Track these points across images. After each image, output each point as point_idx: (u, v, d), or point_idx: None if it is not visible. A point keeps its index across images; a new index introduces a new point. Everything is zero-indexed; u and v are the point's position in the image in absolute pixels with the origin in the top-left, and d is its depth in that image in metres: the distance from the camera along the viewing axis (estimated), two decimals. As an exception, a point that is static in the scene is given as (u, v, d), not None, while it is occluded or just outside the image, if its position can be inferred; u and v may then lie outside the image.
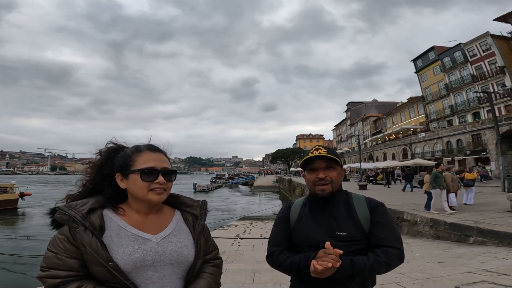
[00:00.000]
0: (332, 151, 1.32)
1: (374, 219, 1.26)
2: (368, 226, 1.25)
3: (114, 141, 1.12)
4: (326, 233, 1.23)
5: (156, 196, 1.01)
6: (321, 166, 1.29)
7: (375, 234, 1.23)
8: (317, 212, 1.32)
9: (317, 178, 1.28)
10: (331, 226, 1.25)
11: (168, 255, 1.00)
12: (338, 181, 1.31)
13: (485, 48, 31.99)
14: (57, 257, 0.90)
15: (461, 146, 30.79)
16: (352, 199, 1.33)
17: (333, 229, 1.24)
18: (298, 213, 1.37)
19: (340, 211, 1.29)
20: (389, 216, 1.31)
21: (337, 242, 1.17)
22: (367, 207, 1.29)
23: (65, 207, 0.96)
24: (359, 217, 1.26)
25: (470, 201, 9.99)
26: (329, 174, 1.28)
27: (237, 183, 64.75)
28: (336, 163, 1.30)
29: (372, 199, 1.34)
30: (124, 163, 1.04)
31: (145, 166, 1.02)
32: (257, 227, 12.78)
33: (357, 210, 1.28)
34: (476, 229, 6.52)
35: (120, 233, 0.97)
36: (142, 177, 1.00)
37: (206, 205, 1.19)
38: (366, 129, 61.51)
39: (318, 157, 1.29)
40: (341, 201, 1.32)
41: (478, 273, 3.98)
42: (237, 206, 29.21)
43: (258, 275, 4.56)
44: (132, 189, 1.02)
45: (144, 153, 1.05)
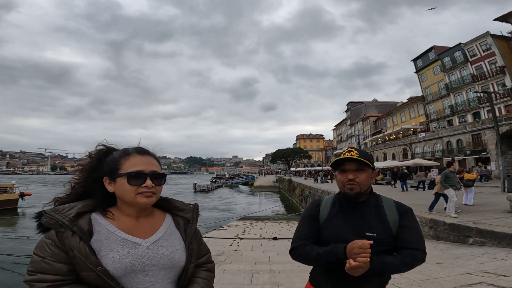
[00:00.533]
0: (364, 154, 1.36)
1: (403, 223, 1.32)
2: (396, 229, 1.30)
3: (105, 143, 1.10)
4: (356, 233, 1.28)
5: (144, 199, 0.99)
6: (351, 168, 1.34)
7: (403, 237, 1.29)
8: (348, 212, 1.36)
9: (347, 179, 1.33)
10: (360, 226, 1.30)
11: (159, 259, 0.99)
12: (367, 183, 1.35)
13: (485, 48, 31.94)
14: (45, 261, 0.89)
15: (461, 146, 30.77)
16: (382, 202, 1.38)
17: (362, 230, 1.29)
18: (328, 211, 1.41)
19: (370, 212, 1.34)
20: (416, 221, 1.37)
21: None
22: (396, 210, 1.34)
23: (51, 211, 0.94)
24: (389, 220, 1.31)
25: (470, 201, 9.97)
26: (358, 176, 1.33)
27: (237, 183, 64.80)
28: (367, 166, 1.34)
29: (401, 203, 1.39)
30: (112, 166, 1.02)
31: (133, 169, 1.00)
32: (257, 227, 12.77)
33: (387, 213, 1.34)
34: (476, 229, 6.50)
35: (110, 237, 0.95)
36: (129, 181, 0.98)
37: (197, 209, 1.18)
38: (366, 129, 61.48)
39: (349, 159, 1.34)
40: (371, 203, 1.37)
41: (477, 274, 3.96)
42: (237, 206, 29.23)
43: (257, 275, 4.55)
44: (119, 193, 1.01)
45: (132, 157, 1.03)
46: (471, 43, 33.40)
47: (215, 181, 62.52)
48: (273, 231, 11.17)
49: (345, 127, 75.64)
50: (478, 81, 32.51)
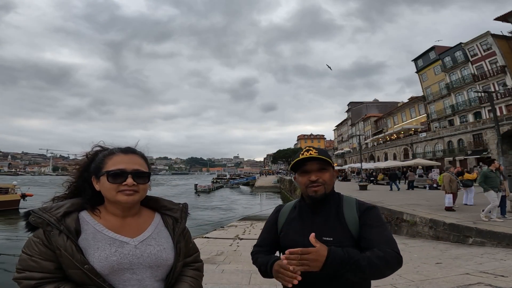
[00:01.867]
0: (323, 152, 1.28)
1: (364, 222, 1.20)
2: (356, 229, 1.19)
3: (102, 144, 1.13)
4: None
5: (124, 197, 1.00)
6: (313, 168, 1.25)
7: (364, 237, 1.17)
8: (306, 216, 1.28)
9: (309, 181, 1.24)
10: (317, 230, 1.18)
11: (146, 258, 1.00)
12: (331, 182, 1.27)
13: (486, 47, 31.87)
14: (32, 259, 0.91)
15: (462, 146, 30.70)
16: (343, 202, 1.29)
17: (319, 234, 1.17)
18: (286, 216, 1.35)
19: (329, 214, 1.25)
20: (381, 220, 1.24)
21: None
22: (356, 210, 1.24)
23: (39, 210, 0.95)
24: (346, 221, 1.21)
25: (470, 201, 9.96)
26: (321, 176, 1.24)
27: (238, 184, 64.74)
28: (328, 165, 1.26)
29: (363, 202, 1.29)
30: (97, 165, 1.05)
31: (113, 168, 1.02)
32: (257, 227, 12.75)
33: (345, 214, 1.24)
34: (475, 229, 6.49)
35: (97, 236, 0.97)
36: (108, 179, 1.00)
37: (186, 208, 1.19)
38: (367, 129, 61.39)
39: (309, 159, 1.25)
40: (331, 204, 1.27)
41: (475, 274, 3.96)
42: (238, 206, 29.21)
43: (255, 276, 4.55)
44: (103, 191, 1.03)
45: (116, 156, 1.05)
46: (472, 42, 33.34)
47: (216, 182, 62.50)
48: (273, 232, 11.17)
49: (346, 127, 75.56)
50: (479, 81, 32.43)
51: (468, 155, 29.28)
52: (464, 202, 9.98)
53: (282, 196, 37.35)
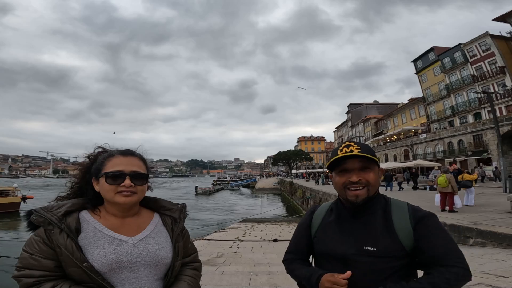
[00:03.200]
0: (367, 149, 1.10)
1: (422, 232, 1.02)
2: (410, 241, 1.02)
3: (106, 146, 1.16)
4: (354, 246, 1.05)
5: (122, 198, 1.03)
6: (354, 167, 1.08)
7: (425, 252, 1.00)
8: (346, 220, 1.13)
9: (349, 181, 1.07)
10: (359, 238, 1.06)
11: (144, 256, 1.02)
12: (376, 184, 1.10)
13: (485, 48, 31.94)
14: (33, 257, 0.93)
15: (463, 147, 30.69)
16: (391, 206, 1.11)
17: (361, 242, 1.05)
18: (321, 220, 1.20)
19: (374, 220, 1.08)
20: (443, 229, 1.05)
21: (364, 257, 1.02)
22: (409, 217, 1.06)
23: (41, 210, 0.98)
24: (396, 229, 1.04)
25: (470, 202, 9.93)
26: (364, 176, 1.07)
27: (239, 186, 64.75)
28: (373, 163, 1.09)
29: (418, 208, 1.11)
30: (97, 167, 1.07)
31: (112, 169, 1.04)
32: (258, 229, 12.74)
33: (394, 221, 1.07)
34: (476, 230, 6.47)
35: (96, 235, 0.99)
36: (106, 180, 1.03)
37: (185, 209, 1.21)
38: (367, 130, 61.43)
39: (350, 156, 1.08)
40: (377, 209, 1.10)
41: (476, 275, 3.95)
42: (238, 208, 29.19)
43: (255, 277, 4.56)
44: (101, 192, 1.05)
45: (115, 158, 1.08)
46: (471, 43, 33.42)
47: (216, 184, 62.50)
48: (273, 233, 11.15)
49: (346, 128, 75.63)
50: (478, 82, 32.47)
51: (468, 156, 29.26)
52: (465, 203, 9.95)
53: (283, 198, 37.31)
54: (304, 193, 26.05)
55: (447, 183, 8.78)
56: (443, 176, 9.01)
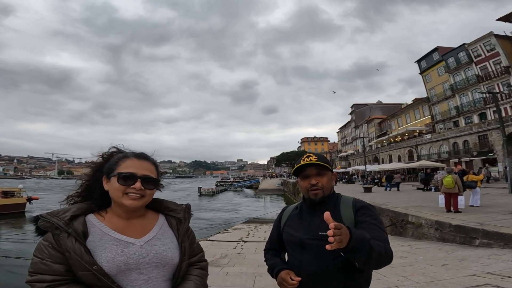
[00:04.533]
0: (322, 158, 1.39)
1: (358, 219, 1.28)
2: (352, 226, 1.23)
3: (120, 146, 1.18)
4: (309, 232, 1.31)
5: (129, 201, 1.04)
6: (312, 173, 1.36)
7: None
8: (306, 214, 1.40)
9: (310, 185, 1.35)
10: (314, 226, 1.30)
11: (152, 257, 1.03)
12: (329, 186, 1.38)
13: (489, 48, 31.67)
14: (43, 262, 0.94)
15: (468, 147, 30.43)
16: (340, 200, 1.39)
17: (316, 229, 1.29)
18: (288, 215, 1.49)
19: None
20: (376, 217, 1.31)
21: (319, 241, 1.21)
22: (352, 207, 1.34)
23: (47, 215, 0.99)
24: (342, 217, 1.30)
25: (476, 202, 9.86)
26: (320, 180, 1.35)
27: (242, 187, 64.67)
28: (326, 169, 1.37)
29: (360, 200, 1.39)
30: (110, 166, 1.09)
31: (125, 170, 1.06)
32: (261, 230, 12.72)
33: (341, 211, 1.33)
34: (482, 231, 6.42)
35: (103, 238, 1.00)
36: (118, 180, 1.04)
37: (189, 209, 1.22)
38: (371, 131, 61.15)
39: (309, 165, 1.36)
40: (330, 203, 1.37)
41: (482, 276, 3.92)
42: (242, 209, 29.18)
43: (259, 278, 4.55)
44: (110, 191, 1.06)
45: (129, 159, 1.09)
46: (475, 43, 33.18)
47: (219, 185, 62.51)
48: (277, 234, 11.14)
49: (350, 129, 75.32)
50: (483, 82, 32.20)
51: (473, 156, 29.01)
52: (470, 203, 9.88)
53: (286, 199, 37.24)
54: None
55: (454, 184, 8.75)
56: (450, 176, 8.98)
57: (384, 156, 47.48)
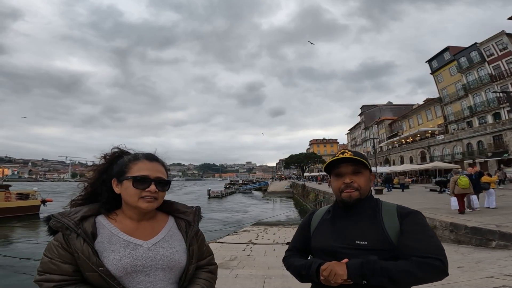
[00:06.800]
0: (359, 154, 1.23)
1: (405, 228, 1.12)
2: (397, 235, 1.11)
3: (121, 147, 1.16)
4: (345, 241, 1.15)
5: (145, 204, 1.03)
6: (347, 171, 1.20)
7: (405, 244, 1.08)
8: (339, 219, 1.24)
9: (344, 184, 1.20)
10: (351, 234, 1.16)
11: (159, 260, 1.02)
12: (367, 187, 1.22)
13: (502, 47, 31.08)
14: (52, 262, 0.94)
15: (482, 148, 29.74)
16: (381, 206, 1.22)
17: (353, 237, 1.15)
18: (319, 219, 1.32)
19: (366, 218, 1.18)
20: (425, 224, 1.14)
21: (355, 251, 1.11)
22: (396, 215, 1.16)
23: (58, 215, 1.00)
24: (385, 225, 1.14)
25: (492, 204, 9.63)
26: (356, 179, 1.20)
27: (251, 189, 64.78)
28: (364, 167, 1.21)
29: (405, 207, 1.20)
30: (121, 169, 1.07)
31: (139, 174, 1.04)
32: (270, 232, 12.68)
33: (383, 218, 1.17)
34: (498, 233, 6.25)
35: (112, 239, 1.00)
36: (134, 184, 1.03)
37: (199, 212, 1.21)
38: (381, 132, 60.38)
39: (343, 160, 1.20)
40: (368, 208, 1.21)
41: (499, 277, 3.79)
42: (251, 211, 29.16)
43: (269, 280, 4.51)
44: (124, 195, 1.05)
45: (141, 162, 1.08)
46: (487, 42, 32.59)
47: (228, 187, 62.89)
48: (286, 236, 11.07)
49: (360, 131, 74.58)
50: (496, 81, 31.50)
51: (488, 157, 28.29)
52: (486, 205, 9.66)
53: (295, 202, 37.04)
54: (317, 196, 25.78)
55: (468, 185, 8.65)
56: (465, 177, 8.88)
57: (395, 158, 46.77)
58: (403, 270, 1.00)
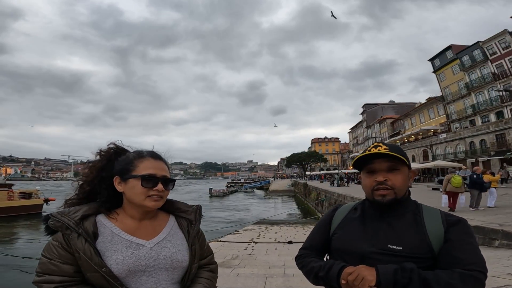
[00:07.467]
0: (396, 148, 1.07)
1: (451, 237, 0.99)
2: (438, 243, 0.99)
3: (117, 143, 1.13)
4: (376, 244, 1.01)
5: (152, 202, 1.02)
6: (381, 168, 1.05)
7: (450, 254, 0.96)
8: (371, 219, 1.09)
9: (376, 182, 1.05)
10: (384, 236, 1.02)
11: (162, 260, 1.00)
12: (404, 187, 1.06)
13: (505, 45, 30.97)
14: (52, 262, 0.91)
15: (485, 147, 29.60)
16: (422, 210, 1.08)
17: (386, 241, 1.00)
18: (343, 217, 1.16)
19: (403, 221, 1.04)
20: (473, 236, 1.04)
21: (387, 257, 0.98)
22: (441, 221, 1.03)
23: (58, 214, 0.96)
24: (427, 231, 1.01)
25: (490, 203, 9.65)
26: (391, 177, 1.04)
27: (252, 188, 64.85)
28: (401, 163, 1.05)
29: (451, 214, 1.09)
30: (125, 167, 1.04)
31: (146, 172, 1.02)
32: (272, 231, 12.67)
33: (425, 222, 1.03)
34: (502, 232, 6.22)
35: (114, 239, 0.98)
36: (142, 183, 1.01)
37: (200, 210, 1.19)
38: (383, 131, 60.19)
39: (377, 155, 1.05)
40: (406, 211, 1.07)
41: (502, 277, 3.78)
42: (252, 210, 29.18)
43: (270, 279, 4.51)
44: (129, 194, 1.03)
45: (146, 160, 1.06)
46: (490, 41, 32.47)
47: (230, 186, 62.92)
48: (288, 235, 11.06)
49: (361, 129, 74.38)
50: (499, 80, 31.31)
51: (491, 156, 28.15)
52: (489, 204, 9.64)
53: (297, 200, 37.04)
54: (318, 195, 25.75)
55: (460, 184, 8.95)
56: (458, 176, 9.20)
57: (397, 157, 46.58)
58: (444, 281, 0.89)
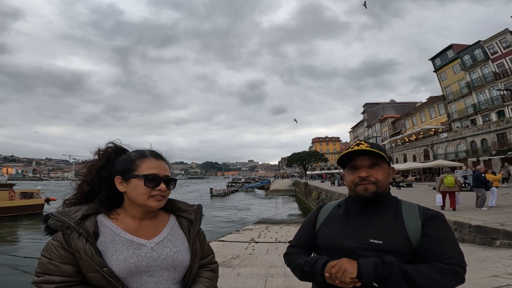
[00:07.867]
0: (376, 146, 1.12)
1: (428, 231, 1.03)
2: (417, 237, 1.03)
3: (116, 142, 1.12)
4: (358, 239, 1.06)
5: (155, 202, 1.02)
6: (364, 164, 1.10)
7: (428, 247, 1.00)
8: (353, 215, 1.13)
9: (359, 178, 1.10)
10: (366, 231, 1.06)
11: (163, 260, 1.00)
12: (385, 181, 1.11)
13: (506, 45, 30.93)
14: (52, 263, 0.90)
15: (486, 146, 29.55)
16: (401, 205, 1.12)
17: (367, 235, 1.05)
18: (327, 214, 1.21)
19: (384, 216, 1.09)
20: (450, 230, 1.06)
21: (368, 251, 1.01)
22: (419, 216, 1.07)
23: (58, 214, 0.95)
24: (406, 225, 1.05)
25: (491, 203, 9.63)
26: (373, 173, 1.09)
27: (253, 187, 64.82)
28: (382, 160, 1.11)
29: (428, 208, 1.12)
30: (127, 167, 1.03)
31: (149, 172, 1.02)
32: (273, 230, 12.67)
33: (404, 217, 1.07)
34: (503, 231, 6.20)
35: (115, 239, 0.97)
36: (145, 183, 1.00)
37: (201, 210, 1.18)
38: (384, 130, 60.11)
39: (359, 153, 1.10)
40: (386, 206, 1.11)
41: (504, 277, 3.77)
42: (253, 210, 29.15)
43: (271, 279, 4.50)
44: (131, 194, 1.02)
45: (148, 160, 1.05)
46: (491, 40, 32.43)
47: (231, 186, 62.90)
48: (289, 235, 11.05)
49: (362, 129, 74.29)
50: (500, 79, 31.28)
51: (492, 155, 28.09)
52: (490, 204, 9.62)
53: (298, 200, 37.01)
54: (319, 194, 25.72)
55: (453, 184, 9.17)
56: (452, 176, 9.38)
57: (398, 156, 46.56)
58: (424, 275, 0.92)
